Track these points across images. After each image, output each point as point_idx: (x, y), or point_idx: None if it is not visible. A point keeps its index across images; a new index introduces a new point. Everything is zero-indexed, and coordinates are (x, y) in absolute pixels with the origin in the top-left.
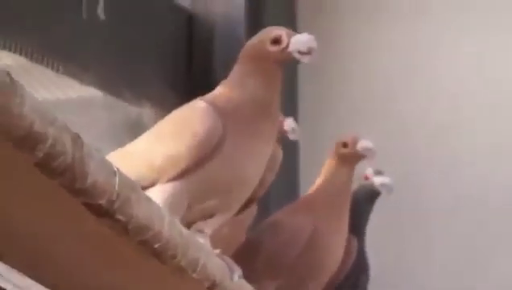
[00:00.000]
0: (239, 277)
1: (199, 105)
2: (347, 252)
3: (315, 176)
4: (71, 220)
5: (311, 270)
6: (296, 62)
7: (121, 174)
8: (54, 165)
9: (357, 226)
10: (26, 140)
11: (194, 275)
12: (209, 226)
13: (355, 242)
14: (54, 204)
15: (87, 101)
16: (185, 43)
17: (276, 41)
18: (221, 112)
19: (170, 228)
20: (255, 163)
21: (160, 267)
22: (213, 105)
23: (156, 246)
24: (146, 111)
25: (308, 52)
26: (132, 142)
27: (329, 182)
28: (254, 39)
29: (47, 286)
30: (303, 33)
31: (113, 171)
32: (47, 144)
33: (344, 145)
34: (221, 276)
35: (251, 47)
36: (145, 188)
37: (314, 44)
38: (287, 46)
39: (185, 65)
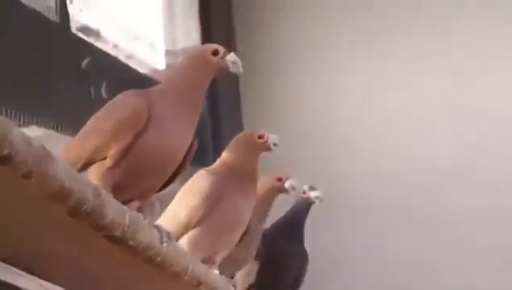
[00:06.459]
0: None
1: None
2: None
3: None
4: (98, 249)
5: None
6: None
7: (129, 212)
8: (81, 211)
9: (299, 232)
10: (59, 195)
11: (186, 278)
12: (220, 257)
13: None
14: (85, 239)
15: None
16: None
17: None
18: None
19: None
20: (247, 206)
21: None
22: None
23: (158, 259)
24: None
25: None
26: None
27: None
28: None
29: None
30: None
31: (123, 211)
32: (74, 197)
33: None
34: (205, 276)
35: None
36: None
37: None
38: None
39: None
